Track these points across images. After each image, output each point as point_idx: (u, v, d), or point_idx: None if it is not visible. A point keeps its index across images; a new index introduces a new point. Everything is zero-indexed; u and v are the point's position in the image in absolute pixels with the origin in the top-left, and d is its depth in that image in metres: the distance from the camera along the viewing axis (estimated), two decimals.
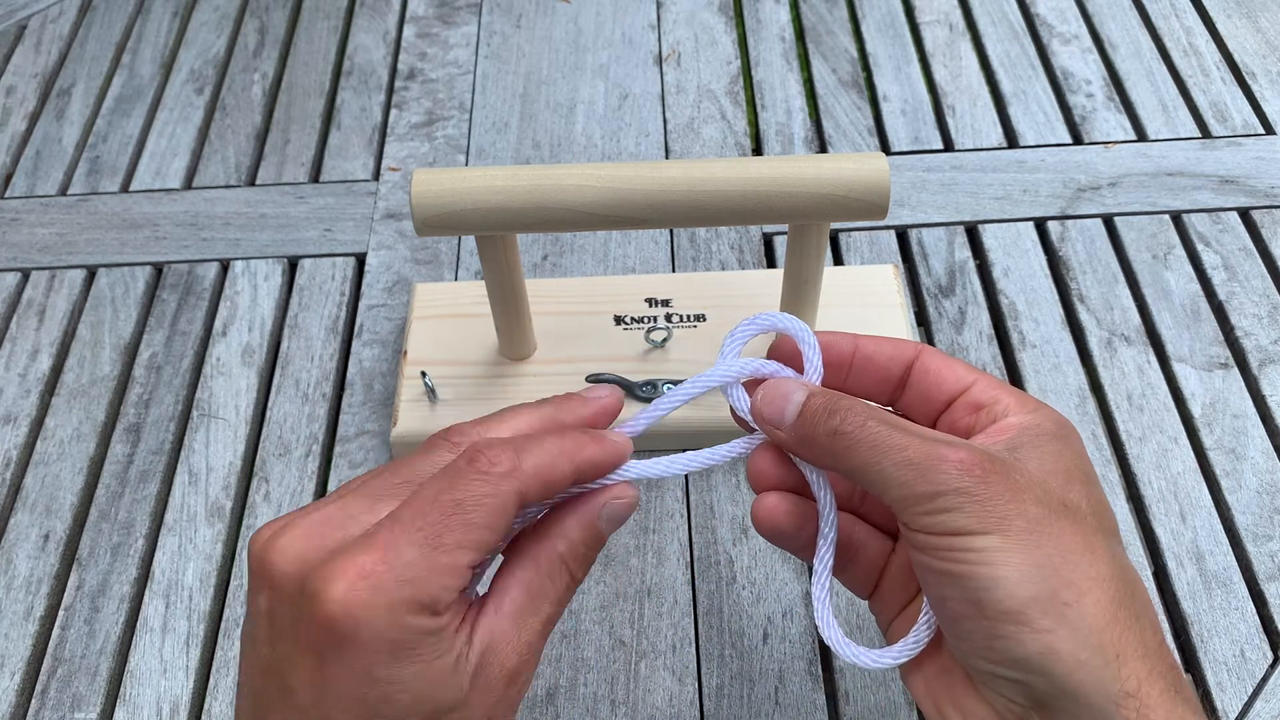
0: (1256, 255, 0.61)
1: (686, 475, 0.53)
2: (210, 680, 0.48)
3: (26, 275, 0.64)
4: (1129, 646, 0.28)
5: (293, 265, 0.64)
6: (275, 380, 0.58)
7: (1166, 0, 0.77)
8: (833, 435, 0.31)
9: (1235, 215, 0.64)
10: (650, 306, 0.57)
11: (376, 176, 0.69)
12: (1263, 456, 0.53)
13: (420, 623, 0.28)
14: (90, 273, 0.64)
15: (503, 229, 0.46)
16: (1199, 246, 0.62)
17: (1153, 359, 0.57)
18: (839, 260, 0.63)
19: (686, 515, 0.52)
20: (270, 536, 0.29)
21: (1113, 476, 0.53)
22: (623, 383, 0.53)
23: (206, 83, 0.75)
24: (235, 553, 0.52)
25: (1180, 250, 0.62)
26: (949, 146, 0.69)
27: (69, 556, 0.52)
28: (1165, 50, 0.74)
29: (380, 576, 0.27)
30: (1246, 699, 0.45)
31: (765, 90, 0.73)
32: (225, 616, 0.50)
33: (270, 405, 0.57)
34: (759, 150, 0.70)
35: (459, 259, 0.64)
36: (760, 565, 0.50)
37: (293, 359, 0.59)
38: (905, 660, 0.32)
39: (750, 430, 0.35)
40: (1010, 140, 0.69)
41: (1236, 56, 0.73)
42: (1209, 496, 0.52)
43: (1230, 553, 0.50)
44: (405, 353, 0.56)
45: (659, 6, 0.79)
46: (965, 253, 0.63)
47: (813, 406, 0.32)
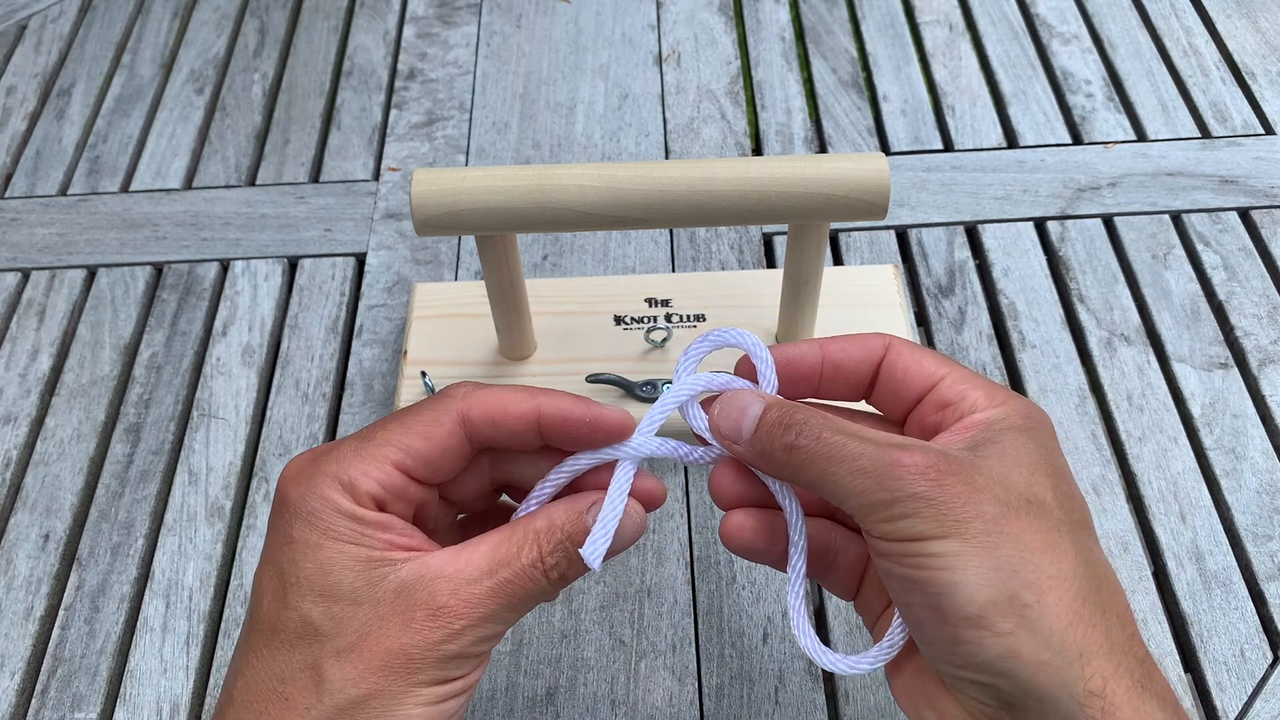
0: (1256, 255, 0.61)
1: (685, 473, 0.53)
2: (210, 680, 0.48)
3: (26, 275, 0.64)
4: (1093, 644, 0.28)
5: (293, 265, 0.64)
6: (275, 380, 0.58)
7: (1166, 0, 0.77)
8: (789, 450, 0.31)
9: (1235, 215, 0.64)
10: (650, 306, 0.57)
11: (376, 176, 0.69)
12: (1262, 456, 0.53)
13: (335, 498, 0.30)
14: (90, 273, 0.64)
15: (503, 229, 0.46)
16: (1199, 246, 0.62)
17: (1153, 359, 0.57)
18: (839, 260, 0.63)
19: (686, 515, 0.52)
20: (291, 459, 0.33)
21: (1113, 476, 0.53)
22: (623, 383, 0.53)
23: (206, 83, 0.75)
24: (235, 553, 0.52)
25: (1180, 250, 0.62)
26: (949, 146, 0.69)
27: (69, 556, 0.52)
28: (1165, 50, 0.74)
29: (315, 457, 0.32)
30: (1246, 699, 0.46)
31: (765, 90, 0.73)
32: (225, 616, 0.50)
33: (270, 405, 0.57)
34: (759, 150, 0.70)
35: (459, 259, 0.64)
36: (760, 565, 0.50)
37: (293, 359, 0.59)
38: (881, 664, 0.32)
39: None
40: (1010, 140, 0.69)
41: (1236, 56, 0.73)
42: (1209, 496, 0.52)
43: (1230, 553, 0.50)
44: (405, 353, 0.56)
45: (659, 6, 0.79)
46: (965, 253, 0.63)
47: (769, 420, 0.32)
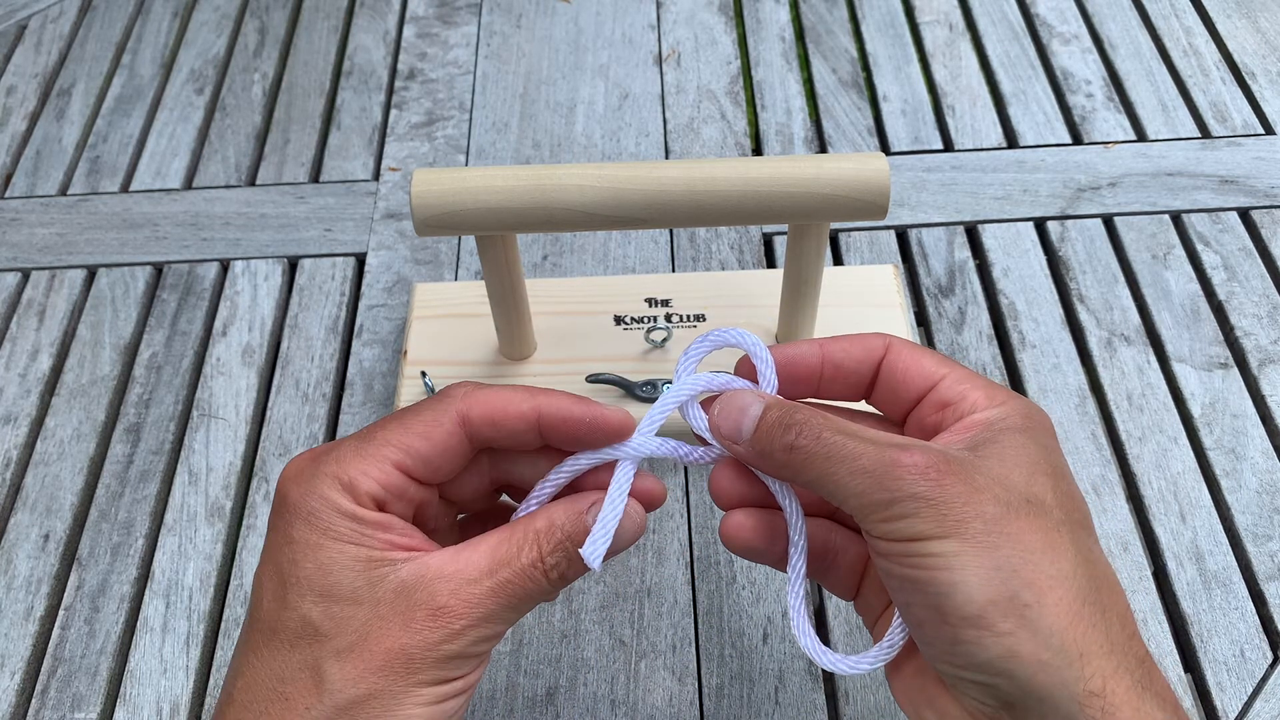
0: (1256, 255, 0.61)
1: (685, 473, 0.53)
2: (210, 680, 0.48)
3: (26, 275, 0.64)
4: (1093, 644, 0.28)
5: (293, 265, 0.64)
6: (275, 380, 0.58)
7: (1166, 0, 0.77)
8: (789, 450, 0.31)
9: (1235, 215, 0.64)
10: (650, 306, 0.57)
11: (376, 176, 0.69)
12: (1262, 456, 0.53)
13: (335, 498, 0.30)
14: (90, 273, 0.64)
15: (503, 229, 0.46)
16: (1199, 246, 0.62)
17: (1153, 359, 0.57)
18: (839, 260, 0.63)
19: (686, 515, 0.52)
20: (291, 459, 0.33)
21: (1113, 476, 0.53)
22: (623, 383, 0.53)
23: (206, 83, 0.75)
24: (235, 553, 0.52)
25: (1180, 250, 0.62)
26: (949, 146, 0.69)
27: (69, 556, 0.52)
28: (1165, 50, 0.74)
29: (315, 457, 0.32)
30: (1246, 699, 0.46)
31: (765, 90, 0.73)
32: (225, 616, 0.50)
33: (270, 405, 0.57)
34: (759, 150, 0.70)
35: (459, 259, 0.64)
36: (760, 565, 0.50)
37: (293, 359, 0.59)
38: (881, 664, 0.32)
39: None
40: (1010, 140, 0.69)
41: (1236, 56, 0.73)
42: (1209, 496, 0.52)
43: (1230, 553, 0.50)
44: (405, 353, 0.56)
45: (659, 6, 0.79)
46: (965, 253, 0.63)
47: (769, 420, 0.32)
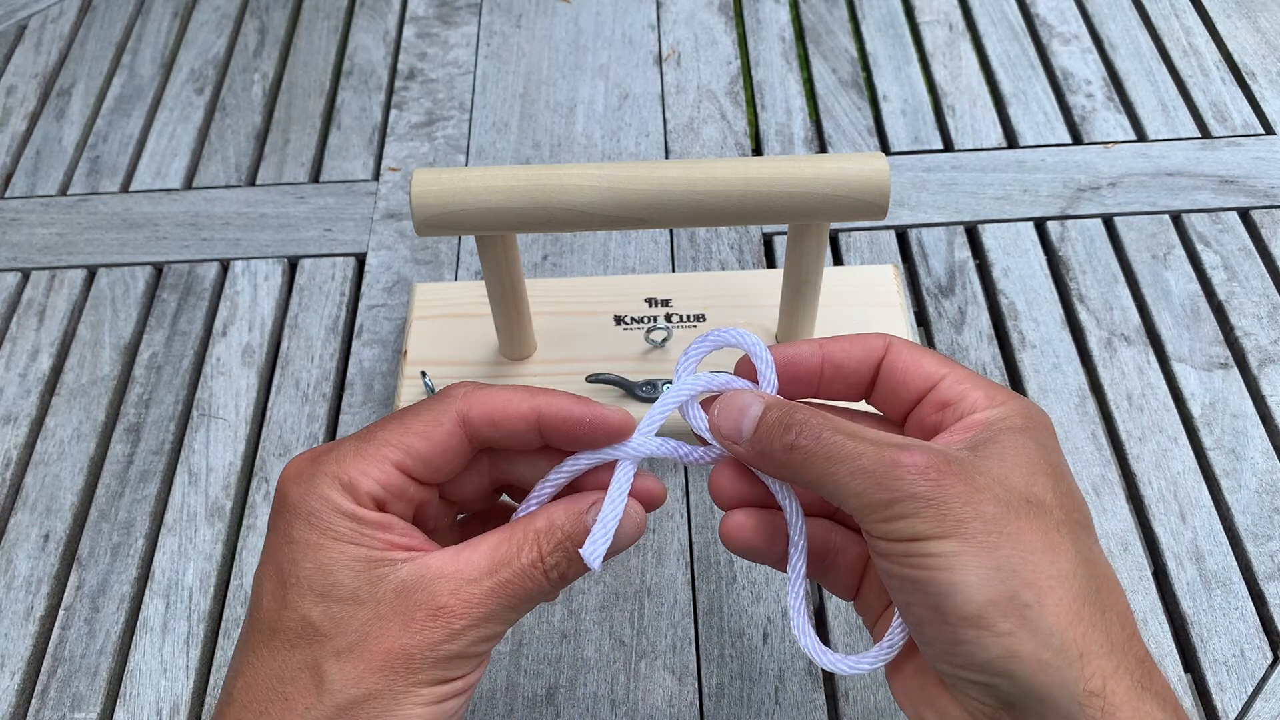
0: (1256, 255, 0.61)
1: (685, 473, 0.53)
2: (210, 680, 0.48)
3: (26, 275, 0.64)
4: (1093, 644, 0.28)
5: (293, 265, 0.64)
6: (275, 380, 0.58)
7: (1166, 0, 0.77)
8: (789, 450, 0.31)
9: (1235, 215, 0.64)
10: (650, 306, 0.57)
11: (376, 176, 0.69)
12: (1262, 456, 0.53)
13: (335, 498, 0.30)
14: (90, 273, 0.64)
15: (503, 229, 0.46)
16: (1199, 246, 0.62)
17: (1153, 359, 0.57)
18: (839, 260, 0.63)
19: (686, 515, 0.52)
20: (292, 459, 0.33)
21: (1113, 476, 0.53)
22: (623, 383, 0.53)
23: (206, 83, 0.75)
24: (235, 553, 0.52)
25: (1180, 250, 0.62)
26: (949, 146, 0.69)
27: (69, 556, 0.52)
28: (1165, 50, 0.74)
29: (315, 457, 0.32)
30: (1246, 699, 0.46)
31: (765, 90, 0.73)
32: (225, 616, 0.50)
33: (270, 405, 0.57)
34: (759, 150, 0.70)
35: (459, 259, 0.64)
36: (760, 565, 0.50)
37: (293, 359, 0.59)
38: (881, 664, 0.32)
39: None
40: (1010, 140, 0.69)
41: (1236, 56, 0.73)
42: (1209, 496, 0.52)
43: (1230, 553, 0.50)
44: (405, 353, 0.56)
45: (659, 6, 0.79)
46: (965, 253, 0.63)
47: (769, 420, 0.32)
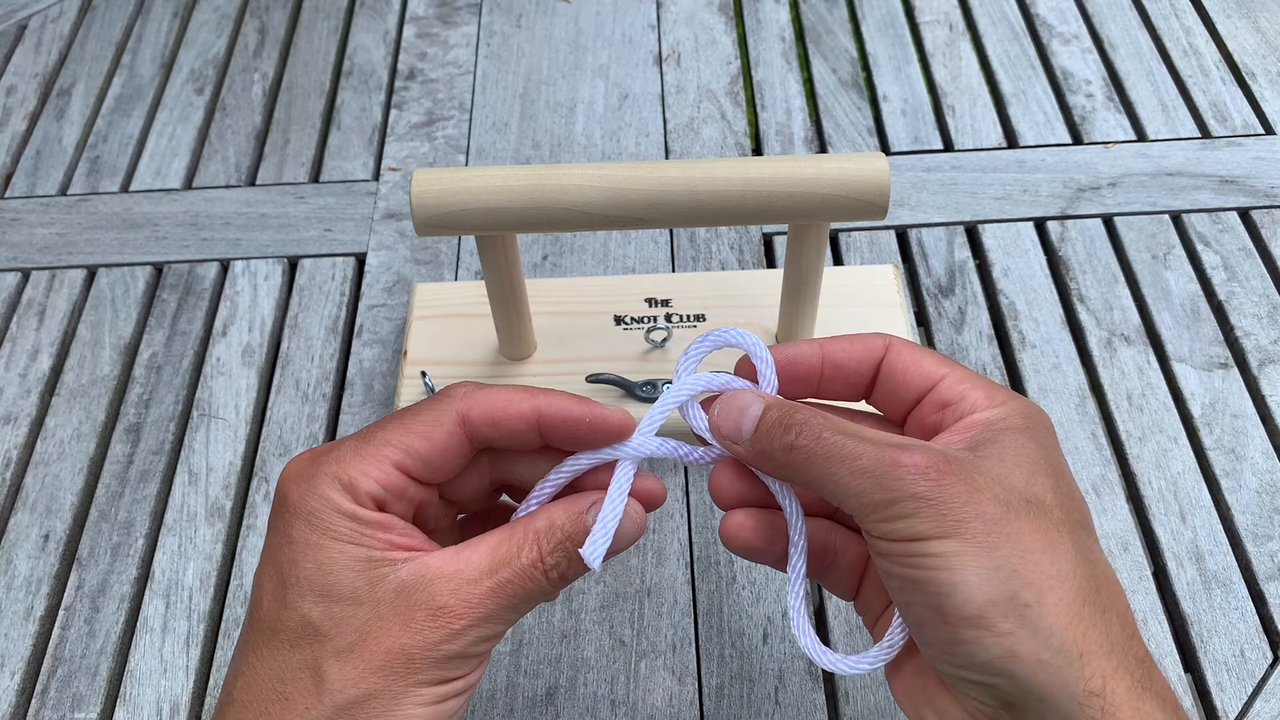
0: (1256, 255, 0.61)
1: (685, 473, 0.53)
2: (210, 680, 0.48)
3: (26, 275, 0.64)
4: (1093, 644, 0.28)
5: (293, 265, 0.64)
6: (275, 380, 0.58)
7: (1166, 0, 0.77)
8: (789, 450, 0.31)
9: (1235, 215, 0.64)
10: (650, 306, 0.57)
11: (376, 176, 0.69)
12: (1262, 456, 0.53)
13: (335, 498, 0.30)
14: (90, 273, 0.64)
15: (503, 229, 0.46)
16: (1199, 246, 0.62)
17: (1153, 359, 0.57)
18: (839, 260, 0.63)
19: (686, 515, 0.52)
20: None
21: (1113, 476, 0.53)
22: (623, 383, 0.53)
23: (206, 83, 0.75)
24: (235, 553, 0.52)
25: (1180, 250, 0.62)
26: (949, 146, 0.69)
27: (69, 556, 0.52)
28: (1165, 50, 0.74)
29: (315, 456, 0.32)
30: (1246, 699, 0.46)
31: (765, 90, 0.73)
32: (225, 616, 0.50)
33: (270, 405, 0.57)
34: (759, 150, 0.70)
35: (459, 259, 0.64)
36: (760, 565, 0.50)
37: (293, 359, 0.59)
38: (881, 664, 0.33)
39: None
40: (1010, 140, 0.69)
41: (1236, 56, 0.73)
42: (1209, 496, 0.52)
43: (1230, 553, 0.50)
44: (405, 353, 0.56)
45: (659, 6, 0.79)
46: (965, 253, 0.63)
47: (769, 420, 0.32)
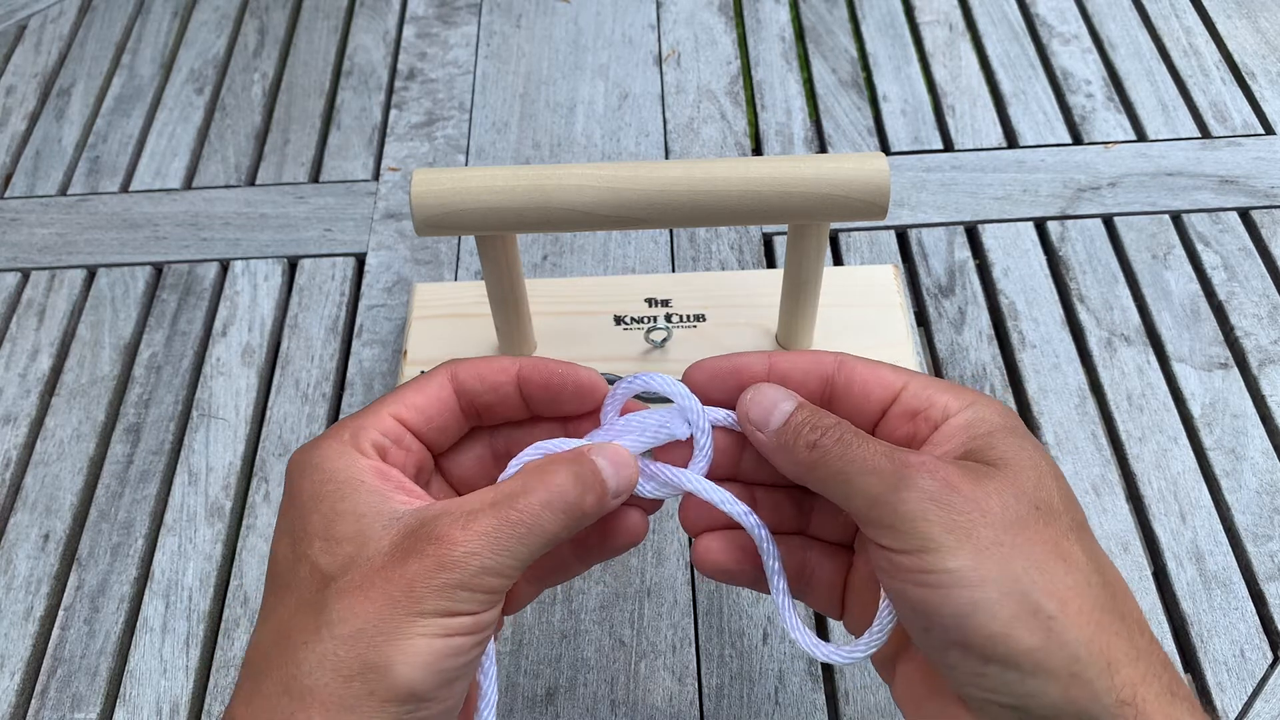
0: (1256, 255, 0.61)
1: None
2: (210, 680, 0.48)
3: (26, 275, 0.64)
4: (1118, 652, 0.28)
5: (293, 265, 0.64)
6: (275, 380, 0.58)
7: (1166, 0, 0.77)
8: (811, 448, 0.31)
9: (1235, 215, 0.64)
10: (650, 306, 0.57)
11: (376, 176, 0.69)
12: (1262, 456, 0.53)
13: (340, 450, 0.31)
14: (90, 273, 0.64)
15: (503, 229, 0.46)
16: (1199, 246, 0.62)
17: (1153, 359, 0.57)
18: (839, 260, 0.63)
19: None
20: None
21: (1113, 476, 0.53)
22: None
23: (206, 83, 0.75)
24: (235, 553, 0.52)
25: (1180, 250, 0.62)
26: (949, 146, 0.69)
27: (69, 556, 0.52)
28: (1165, 50, 0.74)
29: (329, 430, 0.32)
30: (1246, 699, 0.46)
31: (765, 90, 0.73)
32: (225, 616, 0.50)
33: (270, 405, 0.57)
34: (759, 150, 0.70)
35: (459, 259, 0.64)
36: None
37: (293, 359, 0.59)
38: (874, 649, 0.32)
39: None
40: (1010, 140, 0.69)
41: (1236, 56, 0.73)
42: (1209, 496, 0.52)
43: (1230, 553, 0.50)
44: (405, 353, 0.56)
45: (659, 6, 0.79)
46: (965, 253, 0.63)
47: (797, 420, 0.32)
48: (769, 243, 0.64)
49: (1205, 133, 0.68)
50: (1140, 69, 0.73)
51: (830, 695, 0.46)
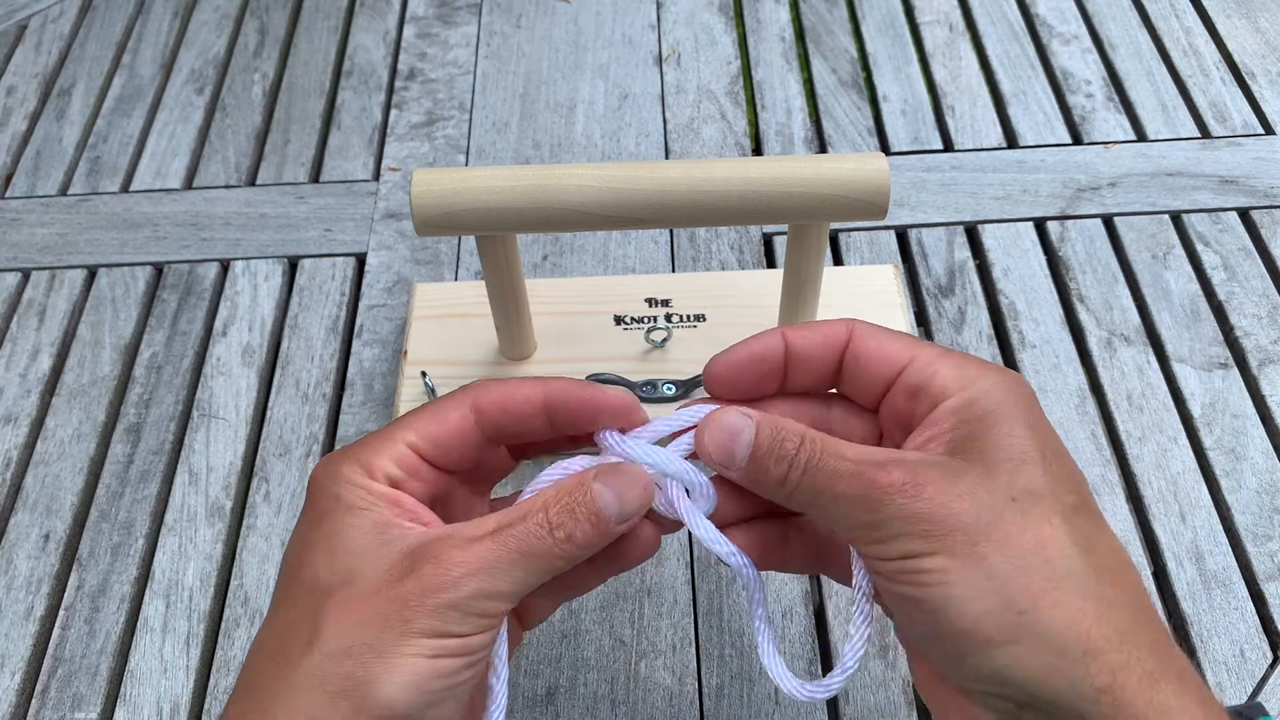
0: (1256, 255, 0.61)
1: None
2: (210, 680, 0.48)
3: (27, 275, 0.64)
4: (1099, 639, 0.28)
5: (293, 265, 0.64)
6: (275, 380, 0.58)
7: (1166, 0, 0.77)
8: (780, 483, 0.31)
9: (1235, 215, 0.64)
10: (650, 306, 0.57)
11: (376, 176, 0.69)
12: (1262, 456, 0.53)
13: (353, 474, 0.31)
14: (90, 273, 0.64)
15: (503, 229, 0.46)
16: (1199, 246, 0.62)
17: (1152, 359, 0.57)
18: (839, 260, 0.63)
19: None
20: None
21: (1113, 476, 0.53)
22: (623, 383, 0.53)
23: (206, 83, 0.75)
24: (235, 553, 0.52)
25: (1180, 250, 0.62)
26: (949, 146, 0.69)
27: (69, 556, 0.52)
28: (1165, 50, 0.74)
29: (344, 449, 0.33)
30: (1246, 699, 0.46)
31: (765, 90, 0.73)
32: (225, 616, 0.50)
33: (270, 405, 0.57)
34: (759, 150, 0.70)
35: (459, 259, 0.64)
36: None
37: (293, 359, 0.59)
38: (837, 690, 0.33)
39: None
40: (1010, 140, 0.69)
41: (1236, 56, 0.73)
42: (1209, 496, 0.52)
43: (1230, 553, 0.50)
44: (405, 353, 0.56)
45: (659, 6, 0.79)
46: (965, 253, 0.63)
47: (760, 451, 0.32)
48: (769, 243, 0.64)
49: (1205, 133, 0.68)
50: (1140, 69, 0.73)
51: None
